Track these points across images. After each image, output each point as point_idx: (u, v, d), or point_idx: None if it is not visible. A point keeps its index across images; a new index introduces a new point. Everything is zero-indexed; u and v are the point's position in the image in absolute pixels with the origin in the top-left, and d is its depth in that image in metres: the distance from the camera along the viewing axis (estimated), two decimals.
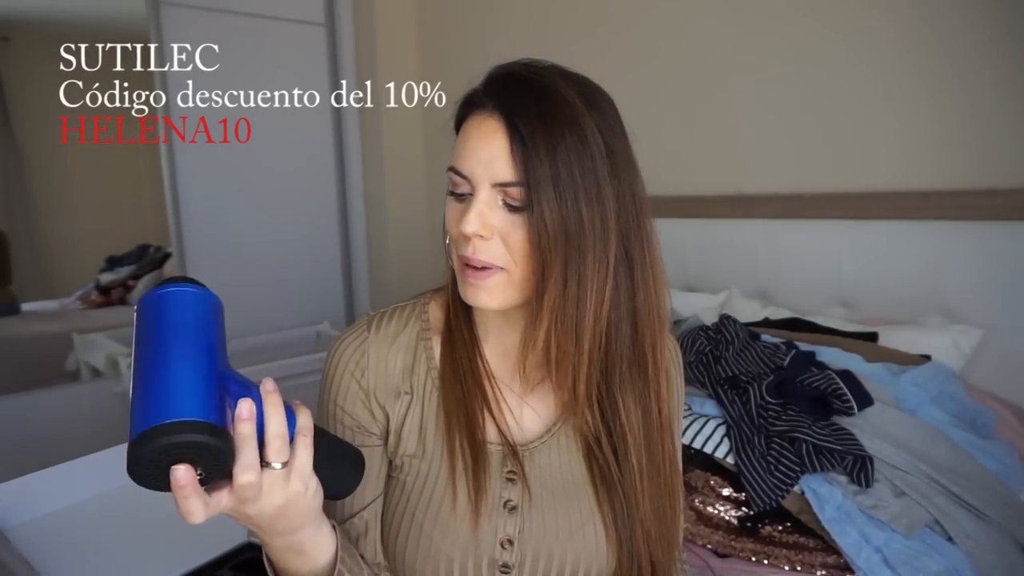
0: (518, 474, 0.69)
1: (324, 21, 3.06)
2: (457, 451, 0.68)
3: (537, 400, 0.73)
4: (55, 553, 1.12)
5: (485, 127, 0.63)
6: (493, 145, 0.61)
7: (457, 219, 0.64)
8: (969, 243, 1.59)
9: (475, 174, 0.62)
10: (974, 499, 1.15)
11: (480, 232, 0.62)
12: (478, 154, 0.62)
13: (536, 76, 0.63)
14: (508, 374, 0.73)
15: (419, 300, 0.77)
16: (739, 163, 2.05)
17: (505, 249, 0.63)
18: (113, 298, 3.09)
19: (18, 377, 2.60)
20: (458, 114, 0.68)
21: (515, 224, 0.62)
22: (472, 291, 0.65)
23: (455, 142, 0.67)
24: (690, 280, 2.15)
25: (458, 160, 0.64)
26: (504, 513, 0.68)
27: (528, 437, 0.72)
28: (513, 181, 0.61)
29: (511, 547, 0.67)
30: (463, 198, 0.64)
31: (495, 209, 0.62)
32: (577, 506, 0.70)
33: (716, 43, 2.07)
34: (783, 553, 1.11)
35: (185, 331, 0.50)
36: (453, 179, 0.65)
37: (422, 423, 0.71)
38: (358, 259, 3.24)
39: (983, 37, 1.56)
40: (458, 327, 0.72)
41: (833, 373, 1.29)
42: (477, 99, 0.65)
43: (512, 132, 0.61)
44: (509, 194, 0.62)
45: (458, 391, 0.70)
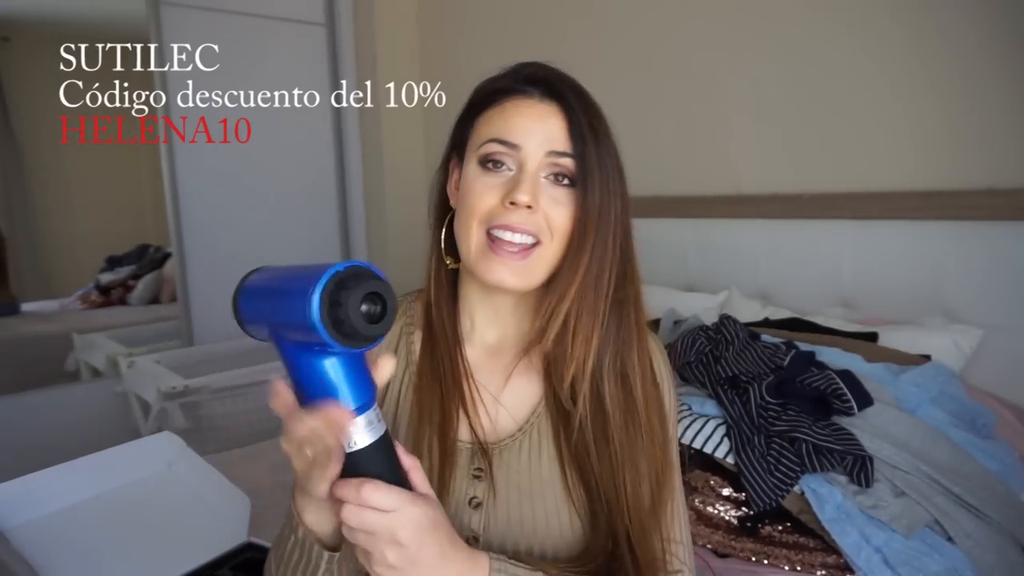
0: (485, 471, 0.70)
1: (324, 21, 3.06)
2: (424, 450, 0.68)
3: (511, 398, 0.74)
4: (55, 553, 1.12)
5: (537, 109, 0.67)
6: (549, 123, 0.66)
7: (495, 192, 0.66)
8: (970, 243, 1.59)
9: (527, 143, 0.65)
10: (974, 499, 1.15)
11: (531, 203, 0.64)
12: (531, 127, 0.66)
13: (567, 74, 0.69)
14: (486, 373, 0.74)
15: (406, 297, 0.79)
16: (739, 163, 2.05)
17: (540, 221, 0.65)
18: (113, 298, 3.09)
19: (18, 377, 2.61)
20: (479, 102, 0.71)
21: (558, 200, 0.66)
22: (499, 269, 0.65)
23: (477, 127, 0.70)
24: (690, 280, 2.15)
25: (504, 132, 0.66)
26: (468, 509, 0.69)
27: (500, 436, 0.72)
28: (568, 152, 0.65)
29: (476, 543, 0.68)
30: (500, 171, 0.67)
31: (540, 182, 0.66)
32: (543, 501, 0.70)
33: (716, 43, 2.07)
34: (783, 553, 1.11)
35: None
36: (493, 150, 0.66)
37: (396, 417, 0.73)
38: (358, 259, 3.24)
39: (985, 36, 1.56)
40: (440, 324, 0.73)
41: (833, 373, 1.28)
42: (512, 87, 0.68)
43: (568, 114, 0.66)
44: (562, 165, 0.66)
45: (435, 389, 0.71)
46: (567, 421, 0.70)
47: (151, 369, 2.35)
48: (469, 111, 0.72)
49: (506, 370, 0.74)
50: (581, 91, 0.69)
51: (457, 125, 0.74)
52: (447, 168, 0.76)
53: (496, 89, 0.69)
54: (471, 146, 0.70)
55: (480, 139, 0.68)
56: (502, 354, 0.75)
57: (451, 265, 0.74)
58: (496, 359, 0.75)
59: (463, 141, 0.72)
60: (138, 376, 2.38)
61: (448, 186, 0.75)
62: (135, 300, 3.10)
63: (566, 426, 0.70)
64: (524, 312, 0.74)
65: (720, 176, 2.09)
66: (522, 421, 0.73)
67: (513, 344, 0.75)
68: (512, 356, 0.74)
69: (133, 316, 3.04)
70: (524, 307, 0.74)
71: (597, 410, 0.68)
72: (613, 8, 2.33)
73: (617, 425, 0.68)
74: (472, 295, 0.75)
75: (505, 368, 0.75)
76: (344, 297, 0.44)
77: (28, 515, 1.22)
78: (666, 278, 2.15)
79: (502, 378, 0.74)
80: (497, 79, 0.71)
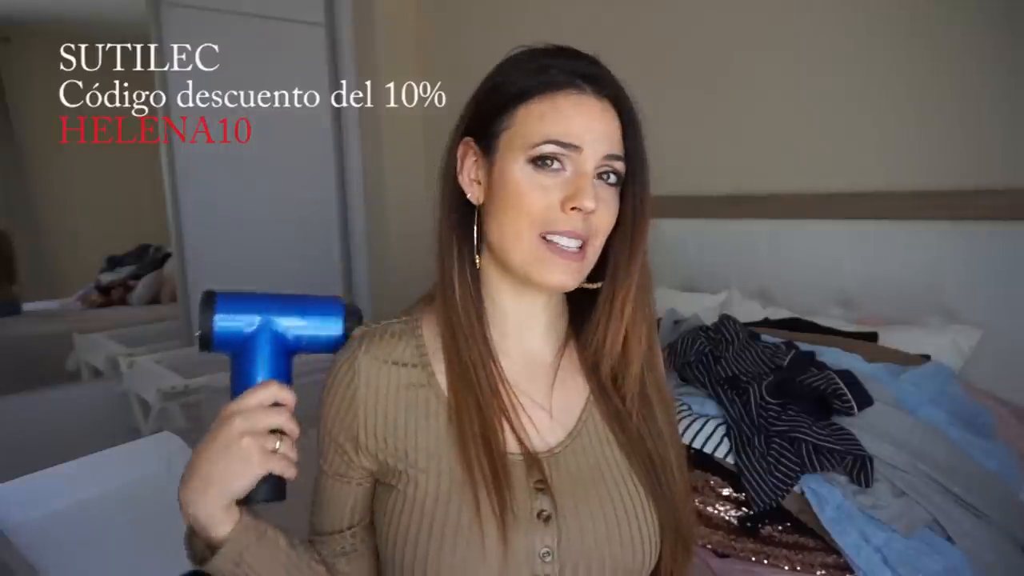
0: (545, 483, 0.66)
1: (324, 21, 3.06)
2: (474, 463, 0.64)
3: (557, 402, 0.71)
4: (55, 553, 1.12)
5: (593, 107, 0.65)
6: (607, 123, 0.65)
7: (551, 194, 0.63)
8: (969, 243, 1.59)
9: (588, 146, 0.64)
10: (973, 499, 1.15)
11: (595, 207, 0.63)
12: (590, 127, 0.64)
13: (606, 67, 0.68)
14: (526, 379, 0.70)
15: (410, 318, 0.73)
16: (739, 163, 2.05)
17: (595, 224, 0.65)
18: (113, 298, 3.09)
19: (18, 377, 2.61)
20: (520, 92, 0.65)
21: (606, 200, 0.65)
22: (559, 272, 0.64)
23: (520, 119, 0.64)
24: (690, 280, 2.15)
25: (565, 132, 0.63)
26: (540, 524, 0.64)
27: (551, 444, 0.69)
28: (622, 155, 0.66)
29: (551, 559, 0.64)
30: (556, 173, 0.63)
31: (596, 184, 0.65)
32: (611, 499, 0.67)
33: (716, 43, 2.07)
34: (783, 553, 1.10)
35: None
36: (552, 151, 0.63)
37: (436, 437, 0.67)
38: (358, 259, 3.25)
39: (985, 36, 1.57)
40: (470, 329, 0.67)
41: (833, 373, 1.28)
42: (560, 80, 0.64)
43: (621, 113, 0.66)
44: (615, 167, 0.65)
45: (471, 401, 0.66)
46: (616, 412, 0.71)
47: (151, 369, 2.35)
48: (502, 99, 0.65)
49: (547, 375, 0.72)
50: (622, 84, 0.68)
51: (482, 111, 0.67)
52: (454, 156, 0.69)
53: (543, 82, 0.64)
54: (510, 140, 0.64)
55: (532, 136, 0.63)
56: (541, 358, 0.72)
57: (478, 263, 0.69)
58: (536, 365, 0.72)
59: (493, 131, 0.66)
60: (138, 376, 2.38)
61: (460, 177, 0.68)
62: (135, 300, 3.10)
63: (618, 416, 0.71)
64: (557, 311, 0.73)
65: (720, 176, 2.09)
66: (570, 426, 0.70)
67: (549, 346, 0.73)
68: (551, 359, 0.72)
69: (133, 316, 3.05)
70: (556, 307, 0.73)
71: (642, 397, 0.71)
72: (613, 7, 2.33)
73: (659, 407, 0.72)
74: (504, 300, 0.70)
75: (546, 373, 0.72)
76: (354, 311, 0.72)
77: (28, 515, 1.22)
78: (666, 278, 2.15)
79: (546, 384, 0.71)
80: (533, 66, 0.65)
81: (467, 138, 0.68)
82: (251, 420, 0.60)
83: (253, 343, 0.66)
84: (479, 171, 0.67)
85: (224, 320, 0.65)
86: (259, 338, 0.66)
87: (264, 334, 0.66)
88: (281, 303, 0.68)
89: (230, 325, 0.65)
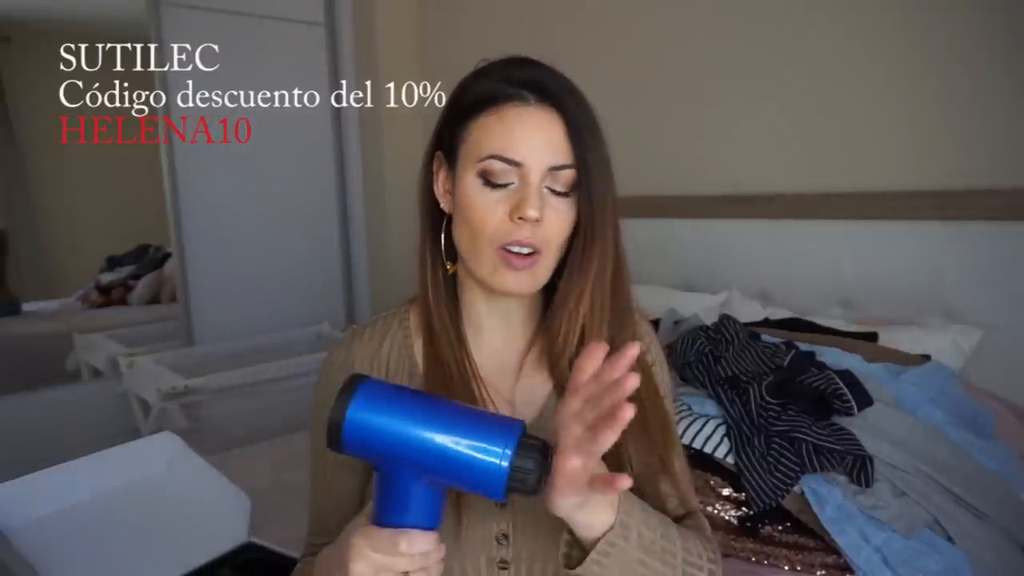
0: None
1: (324, 21, 3.06)
2: None
3: (521, 395, 0.75)
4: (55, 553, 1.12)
5: (535, 118, 0.66)
6: (550, 133, 0.66)
7: (500, 207, 0.66)
8: (969, 243, 1.59)
9: (530, 160, 0.65)
10: (973, 498, 1.15)
11: (539, 217, 0.65)
12: (532, 141, 0.65)
13: (558, 72, 0.68)
14: (495, 374, 0.75)
15: (400, 308, 0.79)
16: (739, 163, 2.05)
17: (544, 233, 0.66)
18: (113, 298, 3.09)
19: (18, 377, 2.61)
20: (471, 107, 0.68)
21: (558, 208, 0.67)
22: (516, 278, 0.67)
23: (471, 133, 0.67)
24: (690, 280, 2.15)
25: (505, 148, 0.65)
26: (495, 508, 0.69)
27: None
28: (569, 164, 0.66)
29: (506, 542, 0.68)
30: (503, 187, 0.66)
31: (543, 194, 0.66)
32: None
33: (716, 43, 2.07)
34: (783, 553, 1.11)
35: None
36: (494, 168, 0.65)
37: None
38: (358, 260, 3.24)
39: (985, 36, 1.56)
40: (443, 328, 0.73)
41: (833, 373, 1.29)
42: (508, 93, 0.66)
43: (566, 121, 0.66)
44: (560, 179, 0.66)
45: (443, 393, 0.70)
46: None
47: (151, 369, 2.35)
48: (459, 113, 0.69)
49: (514, 370, 0.75)
50: (573, 90, 0.68)
51: (444, 126, 0.72)
52: (430, 168, 0.74)
53: (490, 95, 0.67)
54: (466, 153, 0.68)
55: (478, 151, 0.66)
56: (509, 355, 0.76)
57: (450, 270, 0.74)
58: (503, 361, 0.76)
59: (454, 144, 0.70)
60: (138, 376, 2.38)
61: (435, 187, 0.73)
62: (135, 300, 3.10)
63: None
64: (528, 310, 0.76)
65: (720, 176, 2.09)
66: (536, 414, 0.74)
67: (519, 344, 0.77)
68: (518, 355, 0.76)
69: (133, 316, 3.04)
70: (528, 306, 0.76)
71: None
72: (613, 7, 2.33)
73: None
74: (477, 301, 0.75)
75: (513, 368, 0.76)
76: (523, 462, 0.51)
77: (28, 515, 1.22)
78: (666, 278, 2.15)
79: (512, 377, 0.75)
80: (487, 80, 0.68)
81: (438, 152, 0.72)
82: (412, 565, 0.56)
83: (384, 477, 0.54)
84: (447, 182, 0.72)
85: (355, 452, 0.54)
86: (388, 473, 0.54)
87: (389, 470, 0.54)
88: (446, 458, 0.52)
89: (355, 455, 0.54)
